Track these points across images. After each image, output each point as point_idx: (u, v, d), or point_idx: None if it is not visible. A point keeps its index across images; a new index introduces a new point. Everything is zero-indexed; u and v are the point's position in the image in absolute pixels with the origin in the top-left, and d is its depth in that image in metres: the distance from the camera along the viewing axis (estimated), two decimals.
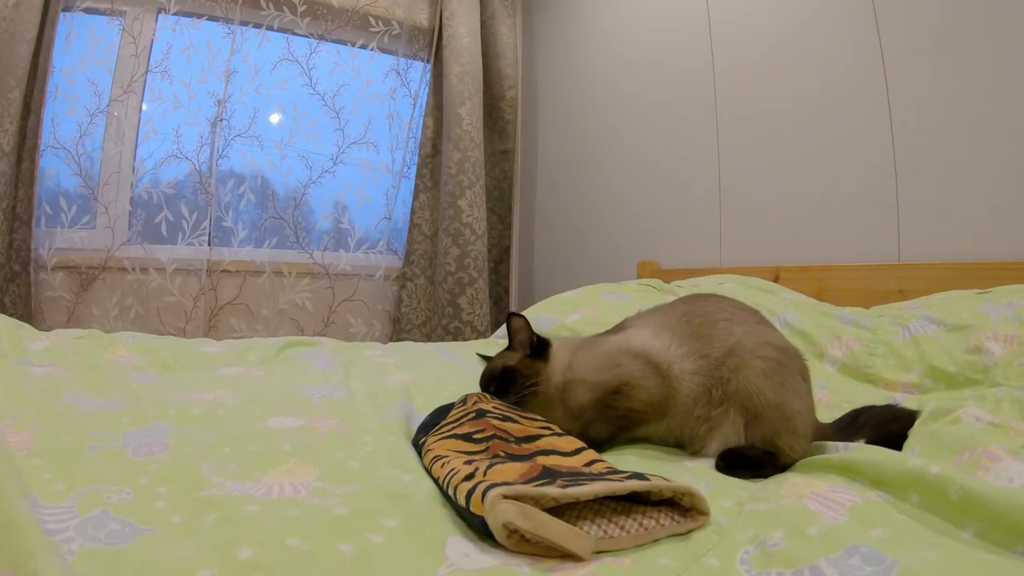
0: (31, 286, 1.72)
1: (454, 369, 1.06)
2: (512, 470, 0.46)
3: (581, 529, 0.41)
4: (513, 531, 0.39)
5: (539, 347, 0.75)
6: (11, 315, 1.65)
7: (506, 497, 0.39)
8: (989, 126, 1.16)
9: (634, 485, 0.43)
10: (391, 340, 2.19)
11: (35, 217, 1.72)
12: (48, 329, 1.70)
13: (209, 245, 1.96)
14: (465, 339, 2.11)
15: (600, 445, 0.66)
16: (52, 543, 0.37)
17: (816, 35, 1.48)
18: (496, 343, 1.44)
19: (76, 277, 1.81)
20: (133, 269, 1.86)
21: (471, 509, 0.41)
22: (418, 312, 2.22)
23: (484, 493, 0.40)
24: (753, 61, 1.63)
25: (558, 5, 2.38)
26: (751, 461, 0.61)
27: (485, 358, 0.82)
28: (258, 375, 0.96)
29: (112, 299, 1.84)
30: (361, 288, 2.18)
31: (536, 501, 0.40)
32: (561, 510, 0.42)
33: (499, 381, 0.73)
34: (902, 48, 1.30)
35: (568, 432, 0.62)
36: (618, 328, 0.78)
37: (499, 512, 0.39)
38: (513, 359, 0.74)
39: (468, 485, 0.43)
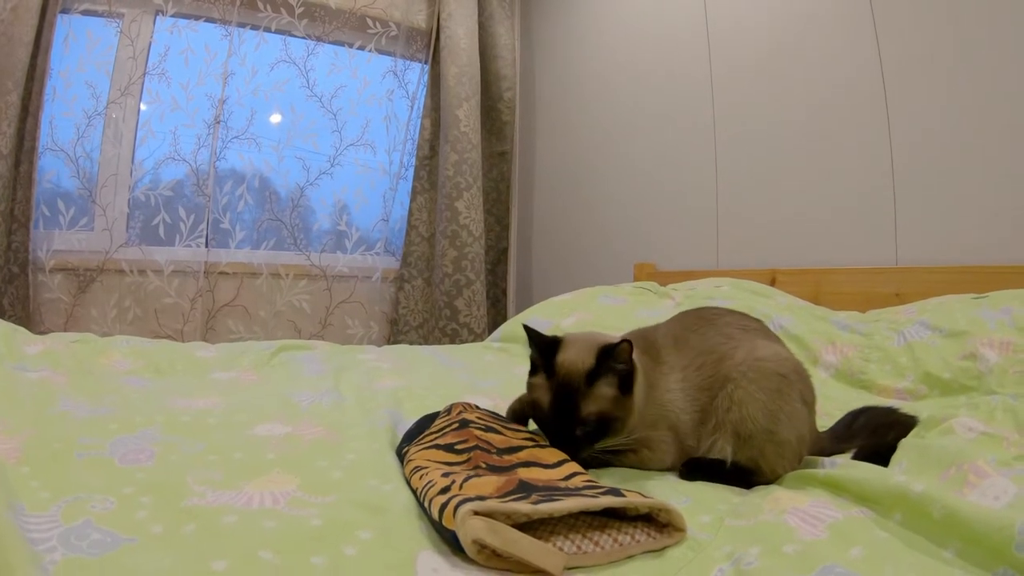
0: (29, 288, 1.73)
1: (448, 374, 1.06)
2: (488, 484, 0.46)
3: (554, 545, 0.41)
4: (484, 546, 0.39)
5: (630, 376, 0.61)
6: (9, 317, 1.67)
7: (477, 513, 0.39)
8: (987, 130, 1.15)
9: (608, 502, 0.43)
10: (388, 342, 2.20)
11: (33, 219, 1.73)
12: (46, 331, 1.72)
13: (207, 247, 1.97)
14: (462, 341, 2.11)
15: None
16: (34, 553, 0.37)
17: (814, 41, 1.47)
18: (492, 347, 1.44)
19: (74, 279, 1.82)
20: (131, 271, 1.87)
21: (443, 523, 0.42)
22: (415, 314, 2.22)
23: (456, 508, 0.40)
24: (751, 63, 1.63)
25: (556, 6, 2.37)
26: (712, 470, 0.61)
27: (540, 339, 0.63)
28: (250, 380, 0.96)
29: (110, 301, 1.85)
30: (358, 290, 2.19)
31: (508, 516, 0.40)
32: (535, 525, 0.42)
33: (595, 426, 0.59)
34: (900, 52, 1.29)
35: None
36: (653, 351, 0.68)
37: (469, 528, 0.39)
38: (608, 401, 0.59)
39: (443, 499, 0.43)
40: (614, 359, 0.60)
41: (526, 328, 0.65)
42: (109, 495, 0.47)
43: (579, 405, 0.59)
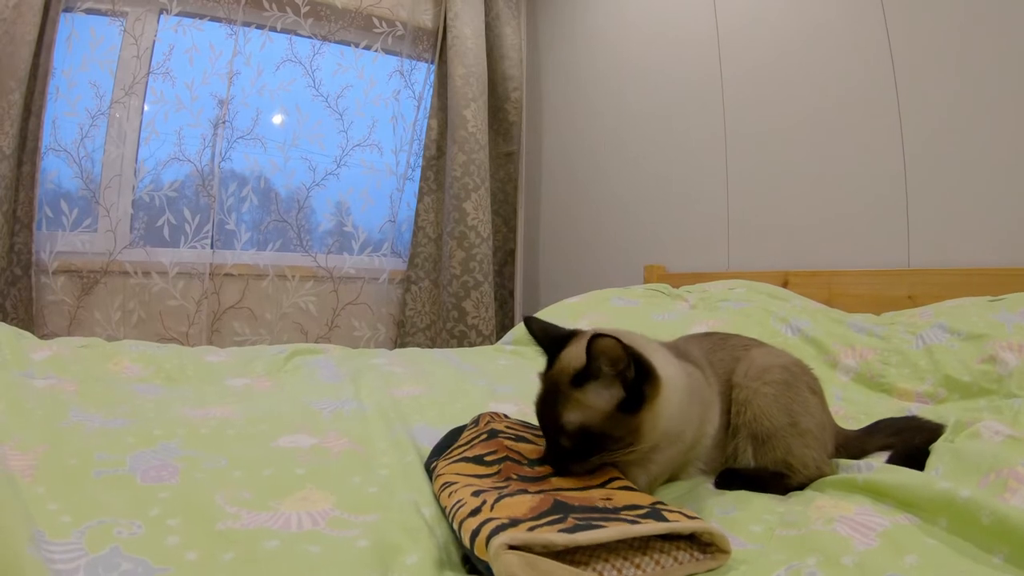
0: (32, 290, 1.70)
1: (464, 380, 1.04)
2: (522, 503, 0.44)
3: (593, 570, 0.40)
4: None
5: (640, 387, 0.49)
6: (12, 320, 1.64)
7: (512, 546, 0.38)
8: (1000, 130, 1.14)
9: (650, 528, 0.42)
10: (396, 344, 2.18)
11: (36, 220, 1.71)
12: (49, 334, 1.70)
13: (212, 248, 1.94)
14: (471, 343, 2.09)
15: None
16: None
17: (826, 43, 1.46)
18: (504, 350, 1.42)
19: (78, 281, 1.79)
20: (135, 273, 1.85)
21: (475, 552, 0.40)
22: (423, 315, 2.20)
23: (488, 539, 0.39)
24: (762, 63, 1.61)
25: (563, 6, 2.36)
26: (749, 479, 0.60)
27: (548, 331, 0.55)
28: (265, 387, 0.94)
29: (114, 303, 1.82)
30: (365, 291, 2.17)
31: (544, 547, 0.39)
32: (575, 548, 0.40)
33: (579, 440, 0.49)
34: (912, 54, 1.28)
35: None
36: (687, 359, 0.63)
37: (503, 565, 0.37)
38: (596, 413, 0.49)
39: (473, 523, 0.41)
40: (599, 359, 0.48)
41: (527, 320, 0.55)
42: (135, 518, 0.45)
43: (559, 411, 0.50)
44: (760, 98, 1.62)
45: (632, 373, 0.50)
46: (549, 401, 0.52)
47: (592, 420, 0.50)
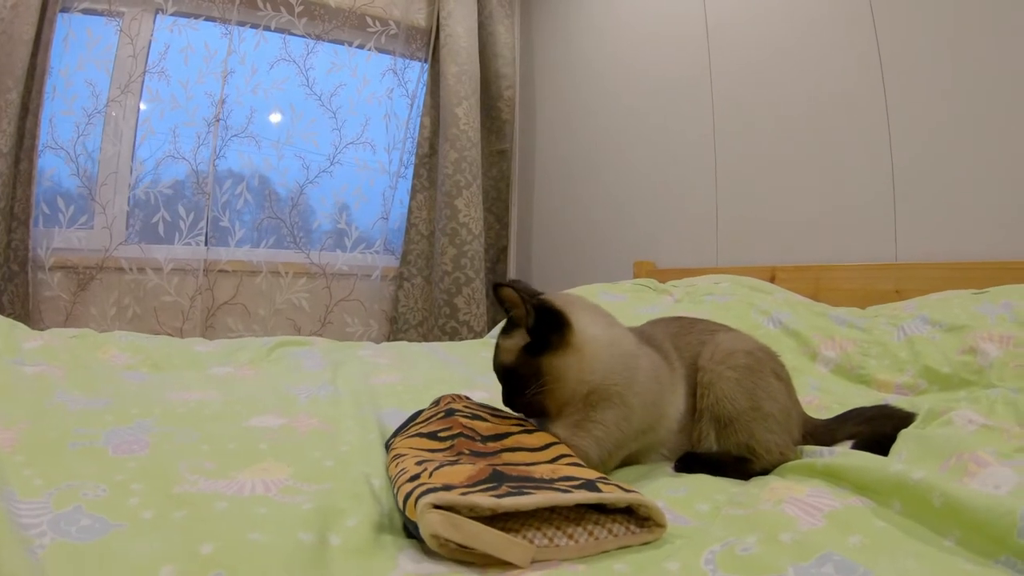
0: (29, 286, 1.73)
1: (445, 369, 1.06)
2: (460, 472, 0.45)
3: (524, 537, 0.40)
4: (447, 539, 0.38)
5: (543, 329, 0.57)
6: (9, 315, 1.67)
7: (437, 506, 0.38)
8: (986, 126, 1.15)
9: (580, 497, 0.42)
10: (388, 340, 2.19)
11: (33, 217, 1.73)
12: (45, 329, 1.72)
13: (206, 245, 1.97)
14: (462, 339, 2.11)
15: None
16: (22, 537, 0.37)
17: (814, 41, 1.47)
18: (489, 343, 1.43)
19: (74, 277, 1.82)
20: (130, 269, 1.87)
21: (407, 514, 0.41)
22: (415, 312, 2.22)
23: (417, 500, 0.39)
24: (750, 62, 1.63)
25: (556, 5, 2.38)
26: (709, 463, 0.60)
27: (522, 291, 0.61)
28: (247, 375, 0.96)
29: (109, 299, 1.85)
30: (358, 288, 2.18)
31: (471, 509, 0.39)
32: (505, 517, 0.41)
33: (507, 382, 0.59)
34: (900, 49, 1.29)
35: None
36: (664, 353, 0.65)
37: (427, 522, 0.38)
38: (512, 354, 0.58)
39: (409, 487, 0.42)
40: (506, 307, 0.59)
41: (512, 283, 0.61)
42: (101, 483, 0.47)
43: (496, 355, 0.60)
44: (749, 96, 1.63)
45: (532, 320, 0.58)
46: (495, 348, 0.61)
47: (509, 360, 0.59)
